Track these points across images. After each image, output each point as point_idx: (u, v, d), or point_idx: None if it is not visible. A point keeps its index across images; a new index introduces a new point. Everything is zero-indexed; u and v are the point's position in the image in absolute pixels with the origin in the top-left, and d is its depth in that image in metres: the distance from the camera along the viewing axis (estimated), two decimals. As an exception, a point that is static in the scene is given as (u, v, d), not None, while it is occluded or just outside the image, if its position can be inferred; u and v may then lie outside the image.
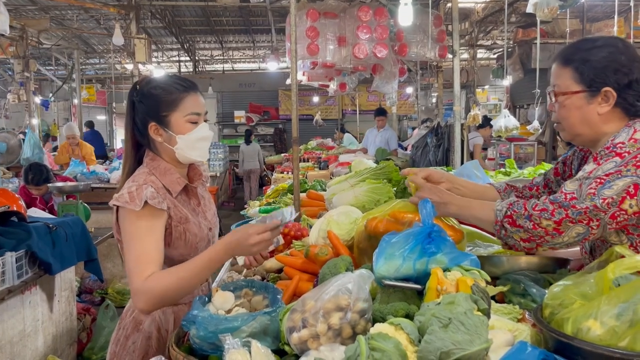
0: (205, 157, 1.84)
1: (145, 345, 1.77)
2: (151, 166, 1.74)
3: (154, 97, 1.71)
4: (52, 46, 9.58)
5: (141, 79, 1.86)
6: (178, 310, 1.82)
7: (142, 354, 1.76)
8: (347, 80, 7.30)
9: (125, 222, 1.64)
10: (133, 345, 1.78)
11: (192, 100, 1.71)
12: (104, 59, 14.10)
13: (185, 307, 1.81)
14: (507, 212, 1.49)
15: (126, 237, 1.64)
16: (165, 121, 1.70)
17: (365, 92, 15.55)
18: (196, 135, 1.71)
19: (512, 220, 1.47)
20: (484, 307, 1.17)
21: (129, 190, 1.65)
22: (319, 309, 1.26)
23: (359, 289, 1.28)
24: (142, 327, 1.79)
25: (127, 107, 1.81)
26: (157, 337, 1.79)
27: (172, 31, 12.10)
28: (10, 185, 5.87)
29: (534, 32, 9.13)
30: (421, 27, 5.51)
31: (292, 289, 1.79)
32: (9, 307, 3.11)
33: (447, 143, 5.78)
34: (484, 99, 15.19)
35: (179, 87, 1.72)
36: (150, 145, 1.77)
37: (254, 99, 17.28)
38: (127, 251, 1.62)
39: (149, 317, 1.78)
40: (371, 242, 1.68)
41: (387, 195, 2.59)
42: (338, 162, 6.70)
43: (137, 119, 1.76)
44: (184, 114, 1.69)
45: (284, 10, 8.17)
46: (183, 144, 1.70)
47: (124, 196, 1.64)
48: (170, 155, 1.74)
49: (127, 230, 1.64)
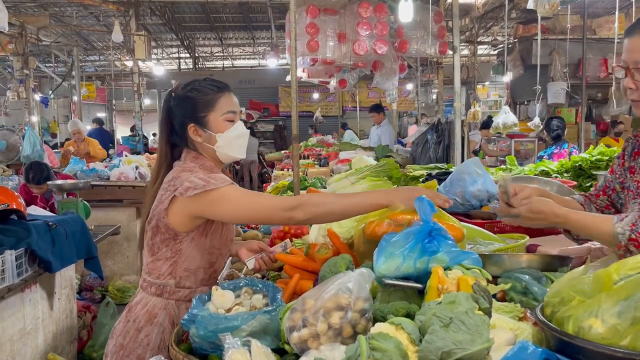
0: (243, 155, 1.90)
1: (159, 339, 1.80)
2: (197, 163, 1.81)
3: (190, 99, 1.80)
4: (52, 43, 9.55)
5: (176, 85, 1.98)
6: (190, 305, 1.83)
7: (156, 347, 1.78)
8: (347, 77, 7.28)
9: (222, 203, 1.69)
10: (146, 338, 1.79)
11: (227, 100, 1.80)
12: (103, 56, 14.08)
13: None
14: (631, 235, 1.44)
15: (234, 207, 1.69)
16: (203, 121, 1.78)
17: (366, 88, 15.53)
18: (234, 133, 1.79)
19: (638, 243, 1.43)
20: (485, 306, 1.17)
21: (197, 177, 1.70)
22: (319, 308, 1.25)
23: (359, 288, 1.27)
24: (157, 320, 1.80)
25: (162, 113, 1.91)
26: (171, 331, 1.78)
27: (172, 28, 12.07)
28: (10, 183, 5.86)
29: (534, 28, 9.10)
30: (421, 24, 5.49)
31: (292, 287, 1.78)
32: (9, 305, 3.11)
33: (447, 140, 5.76)
34: (484, 96, 15.16)
35: (213, 88, 1.82)
36: (190, 146, 1.84)
37: (254, 95, 17.27)
38: (253, 209, 1.69)
39: (164, 311, 1.81)
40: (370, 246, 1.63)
41: (387, 193, 2.58)
42: (338, 159, 6.68)
43: (175, 123, 1.84)
44: (220, 113, 1.78)
45: (284, 7, 8.15)
46: (223, 142, 1.78)
47: (195, 182, 1.69)
48: (211, 154, 1.82)
49: (232, 202, 1.69)
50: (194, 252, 1.79)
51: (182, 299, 1.83)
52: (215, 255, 1.85)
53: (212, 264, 1.86)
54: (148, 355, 1.78)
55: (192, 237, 1.79)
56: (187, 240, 1.79)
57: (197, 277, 1.85)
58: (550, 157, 5.30)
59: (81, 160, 6.24)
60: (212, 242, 1.82)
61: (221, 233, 1.83)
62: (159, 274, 1.83)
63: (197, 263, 1.82)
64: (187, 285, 1.84)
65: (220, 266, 1.89)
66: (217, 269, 1.88)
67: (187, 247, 1.80)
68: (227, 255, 1.91)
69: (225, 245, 1.86)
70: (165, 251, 1.81)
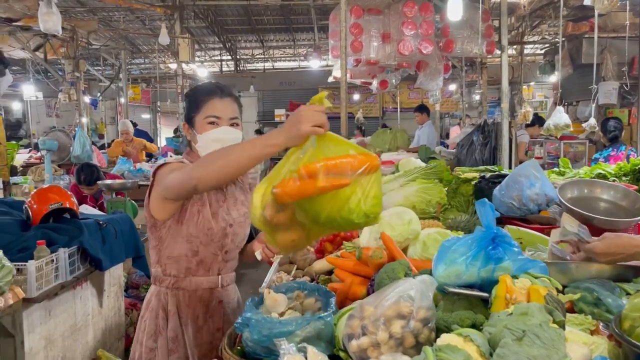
0: None
1: (154, 324, 1.93)
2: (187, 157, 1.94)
3: (188, 99, 1.93)
4: (101, 47, 9.83)
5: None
6: (179, 294, 1.92)
7: (151, 332, 1.92)
8: (389, 78, 7.19)
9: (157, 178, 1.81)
10: (144, 323, 1.95)
11: (213, 104, 1.87)
12: (148, 59, 14.40)
13: (186, 293, 1.92)
14: None
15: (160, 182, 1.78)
16: (192, 122, 1.90)
17: (407, 89, 15.35)
18: (210, 136, 1.84)
19: None
20: (560, 318, 1.10)
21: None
22: (379, 316, 1.21)
23: (421, 296, 1.22)
24: (151, 306, 1.95)
25: None
26: (162, 317, 1.92)
27: (214, 30, 12.23)
28: (62, 182, 6.04)
29: (584, 26, 8.77)
30: (468, 23, 5.36)
31: (344, 292, 1.74)
32: (61, 302, 3.18)
33: (494, 141, 5.60)
34: (529, 96, 14.74)
35: (204, 91, 1.92)
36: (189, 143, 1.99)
37: (294, 97, 17.31)
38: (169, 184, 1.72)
39: (156, 297, 1.94)
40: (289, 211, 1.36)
41: (438, 196, 2.51)
42: (380, 160, 6.61)
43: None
44: (204, 116, 1.86)
45: (326, 8, 8.13)
46: (201, 143, 1.86)
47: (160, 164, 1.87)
48: (197, 152, 1.92)
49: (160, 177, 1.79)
50: (172, 239, 1.87)
51: (170, 287, 1.92)
52: (195, 244, 1.88)
53: (195, 252, 1.89)
54: (145, 339, 1.93)
55: (169, 225, 1.86)
56: (165, 228, 1.87)
57: (181, 266, 1.91)
58: (606, 160, 5.07)
59: (128, 161, 6.38)
60: (189, 229, 1.86)
61: (197, 221, 1.85)
62: (152, 262, 1.98)
63: (178, 251, 1.88)
64: (173, 273, 1.92)
65: (207, 257, 1.91)
66: (204, 259, 1.91)
67: (165, 235, 1.88)
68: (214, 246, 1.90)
69: (205, 235, 1.86)
70: (152, 240, 1.93)
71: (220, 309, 1.97)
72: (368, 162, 1.33)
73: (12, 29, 7.03)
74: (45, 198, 3.25)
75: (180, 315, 1.92)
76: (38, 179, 6.50)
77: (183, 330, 1.92)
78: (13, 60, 9.09)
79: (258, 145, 1.44)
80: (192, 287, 1.92)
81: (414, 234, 1.86)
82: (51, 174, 6.11)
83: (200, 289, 1.93)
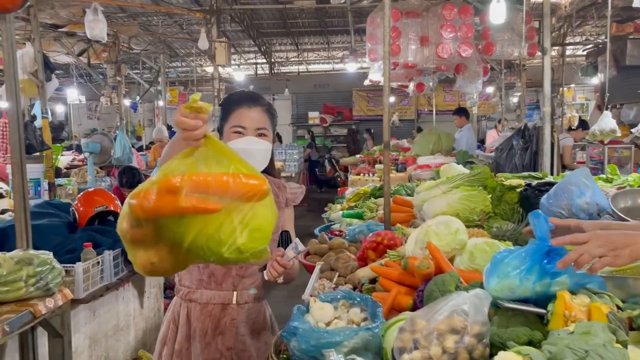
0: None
1: (164, 333, 1.94)
2: None
3: (220, 108, 1.92)
4: (142, 51, 10.06)
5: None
6: (190, 305, 1.89)
7: (161, 340, 1.95)
8: (426, 81, 7.11)
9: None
10: (160, 329, 1.98)
11: (240, 114, 1.82)
12: (185, 62, 14.66)
13: (197, 306, 1.88)
14: None
15: None
16: (221, 131, 1.88)
17: (442, 92, 15.17)
18: (234, 146, 1.78)
19: None
20: (623, 338, 1.05)
21: None
22: (432, 330, 1.19)
23: (476, 311, 1.19)
24: (166, 316, 1.96)
25: None
26: (173, 328, 1.91)
27: (250, 34, 12.36)
28: (103, 184, 6.21)
29: (629, 27, 8.50)
30: (509, 25, 5.25)
31: (390, 302, 1.72)
32: (105, 302, 3.27)
33: (535, 146, 5.47)
34: (569, 98, 14.36)
35: (232, 100, 1.88)
36: None
37: (328, 100, 17.35)
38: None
39: (172, 307, 1.94)
40: (150, 228, 1.14)
41: (482, 204, 2.46)
42: (417, 164, 6.54)
43: None
44: (230, 125, 1.82)
45: (364, 11, 8.11)
46: None
47: None
48: None
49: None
50: None
51: (184, 298, 1.90)
52: None
53: (206, 264, 1.86)
54: (157, 345, 1.97)
55: None
56: None
57: (193, 277, 1.88)
58: (654, 166, 4.89)
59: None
60: None
61: None
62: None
63: None
64: (186, 284, 1.90)
65: (218, 270, 1.86)
66: (214, 272, 1.87)
67: None
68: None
69: None
70: None
71: (233, 328, 1.88)
72: (252, 186, 1.13)
73: (57, 35, 7.27)
74: (91, 201, 3.34)
75: (189, 328, 1.88)
76: (81, 180, 6.69)
77: (190, 344, 1.88)
78: (57, 65, 9.39)
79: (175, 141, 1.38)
80: (203, 300, 1.87)
81: (461, 244, 1.82)
82: (93, 175, 6.28)
83: (211, 303, 1.87)
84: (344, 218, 3.54)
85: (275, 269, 1.69)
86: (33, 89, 4.96)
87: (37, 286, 2.30)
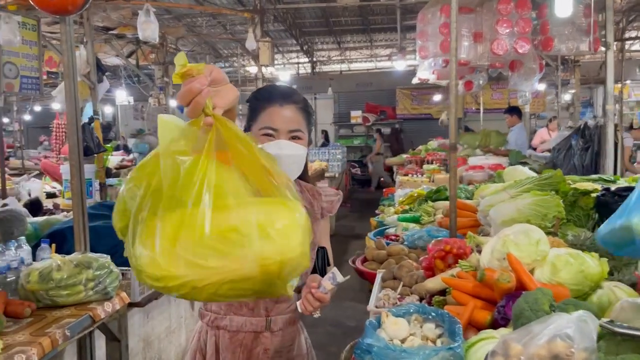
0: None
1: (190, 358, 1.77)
2: None
3: (248, 105, 1.67)
4: (187, 52, 10.18)
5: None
6: (219, 333, 1.70)
7: None
8: (475, 78, 6.88)
9: None
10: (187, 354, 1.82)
11: (271, 113, 1.58)
12: (229, 63, 14.79)
13: (226, 334, 1.69)
14: None
15: None
16: (250, 130, 1.62)
17: (490, 89, 14.77)
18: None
19: None
20: None
21: None
22: (531, 356, 1.07)
23: (582, 335, 1.06)
24: (192, 343, 1.79)
25: None
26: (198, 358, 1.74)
27: (292, 33, 12.34)
28: (152, 184, 6.26)
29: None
30: (569, 18, 4.99)
31: (467, 317, 1.60)
32: (158, 304, 3.26)
33: (596, 146, 5.19)
34: (625, 96, 13.72)
35: (262, 97, 1.63)
36: None
37: (371, 98, 17.17)
38: None
39: (197, 335, 1.77)
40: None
41: (555, 210, 2.29)
42: (468, 165, 6.33)
43: None
44: (260, 126, 1.59)
45: (412, 7, 7.96)
46: None
47: None
48: None
49: None
50: None
51: (210, 324, 1.71)
52: None
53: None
54: None
55: None
56: None
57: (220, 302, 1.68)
58: None
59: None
60: None
61: None
62: None
63: None
64: (213, 309, 1.71)
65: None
66: None
67: None
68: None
69: None
70: None
71: (266, 359, 1.70)
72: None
73: (107, 37, 7.42)
74: (145, 202, 3.33)
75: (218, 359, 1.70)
76: (130, 180, 6.77)
77: None
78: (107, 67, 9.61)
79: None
80: (232, 328, 1.68)
81: (542, 255, 1.68)
82: (143, 176, 6.34)
83: (242, 330, 1.68)
84: (400, 222, 3.41)
85: (310, 303, 1.48)
86: (85, 91, 5.05)
87: (95, 290, 2.29)
